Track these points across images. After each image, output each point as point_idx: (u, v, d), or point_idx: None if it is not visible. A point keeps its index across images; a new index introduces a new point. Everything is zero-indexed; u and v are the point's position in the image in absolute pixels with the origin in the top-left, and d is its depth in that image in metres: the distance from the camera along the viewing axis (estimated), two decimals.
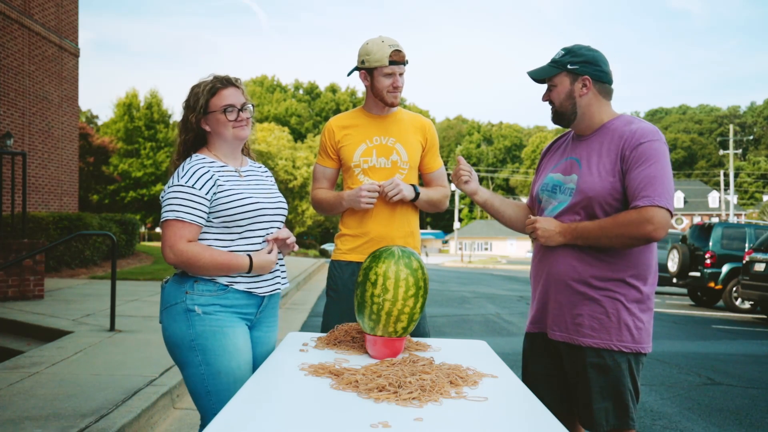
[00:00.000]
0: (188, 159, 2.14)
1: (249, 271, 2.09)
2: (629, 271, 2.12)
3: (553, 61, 2.23)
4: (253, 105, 2.23)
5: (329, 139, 2.79)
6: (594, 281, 2.12)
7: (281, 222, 2.23)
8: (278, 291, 2.24)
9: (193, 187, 2.04)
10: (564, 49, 2.24)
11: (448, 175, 2.74)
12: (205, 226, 2.09)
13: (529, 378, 2.36)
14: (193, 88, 2.18)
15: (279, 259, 2.23)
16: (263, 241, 2.15)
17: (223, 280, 2.08)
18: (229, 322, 2.07)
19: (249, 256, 2.09)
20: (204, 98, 2.15)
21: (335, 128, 2.78)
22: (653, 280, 2.18)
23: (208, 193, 2.06)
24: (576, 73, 2.19)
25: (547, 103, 2.29)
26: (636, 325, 2.12)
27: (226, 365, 2.03)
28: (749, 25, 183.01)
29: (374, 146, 2.72)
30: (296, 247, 2.25)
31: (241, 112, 2.16)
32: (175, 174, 2.09)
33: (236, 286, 2.09)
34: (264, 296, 2.17)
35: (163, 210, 2.07)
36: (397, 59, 2.63)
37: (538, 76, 2.25)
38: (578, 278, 2.13)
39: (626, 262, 2.12)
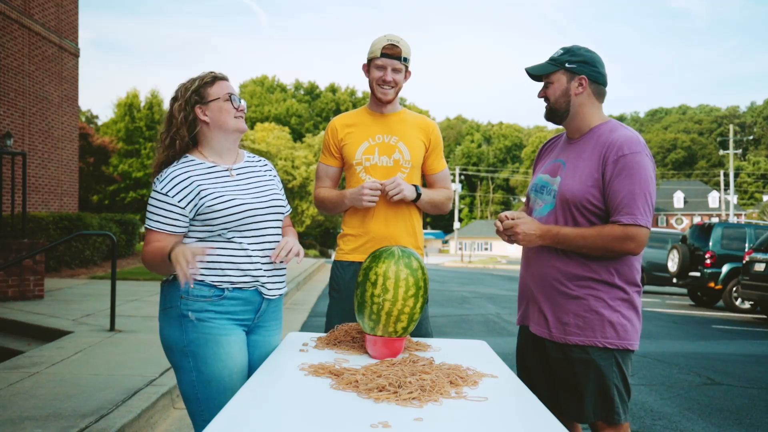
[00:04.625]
0: (175, 161, 2.09)
1: (168, 258, 1.92)
2: (612, 272, 2.17)
3: (552, 59, 2.29)
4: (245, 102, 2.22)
5: (332, 137, 2.78)
6: (578, 281, 2.18)
7: (277, 221, 2.16)
8: (279, 296, 2.20)
9: (166, 194, 2.01)
10: (563, 49, 2.30)
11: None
12: (192, 231, 2.06)
13: (524, 372, 2.41)
14: (183, 84, 2.14)
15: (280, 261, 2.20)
16: (261, 246, 2.10)
17: (226, 284, 2.04)
18: (223, 329, 2.03)
19: (175, 242, 1.98)
20: (204, 88, 2.11)
21: (338, 126, 2.78)
22: (638, 279, 2.23)
23: (182, 200, 2.01)
24: (573, 72, 2.25)
25: (542, 99, 2.34)
26: (620, 322, 2.17)
27: (218, 373, 2.01)
28: (749, 24, 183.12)
29: (376, 144, 2.71)
30: (302, 254, 2.12)
31: (241, 103, 2.16)
32: (158, 177, 2.06)
33: (243, 287, 2.05)
34: (265, 299, 2.13)
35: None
36: (390, 53, 2.61)
37: (535, 72, 2.30)
38: (563, 278, 2.20)
39: (608, 264, 2.17)
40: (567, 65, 2.25)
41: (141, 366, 4.63)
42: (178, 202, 2.01)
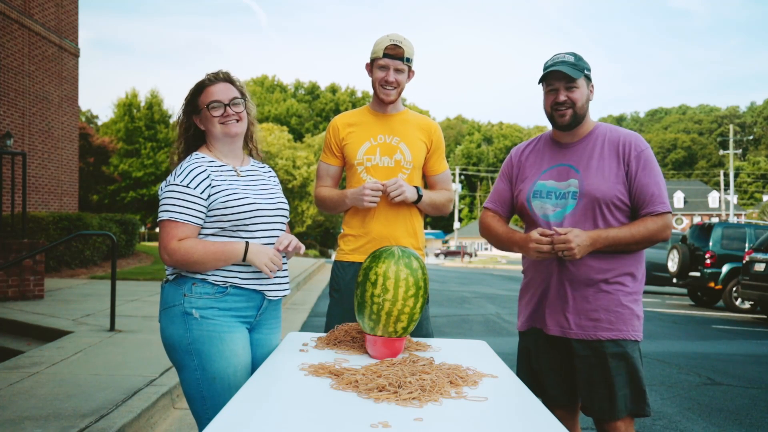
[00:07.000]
0: (187, 158, 2.13)
1: (243, 258, 2.03)
2: (634, 266, 2.27)
3: (574, 65, 2.26)
4: (246, 98, 2.20)
5: (334, 136, 2.77)
6: (609, 278, 2.24)
7: (282, 224, 2.19)
8: (279, 298, 2.23)
9: (187, 186, 2.02)
10: (573, 55, 2.29)
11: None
12: (204, 227, 2.06)
13: (532, 375, 2.42)
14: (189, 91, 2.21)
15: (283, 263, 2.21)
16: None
17: (233, 280, 2.05)
18: (227, 326, 2.04)
19: (246, 242, 2.05)
20: (196, 97, 2.16)
21: (340, 125, 2.77)
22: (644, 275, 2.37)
23: (203, 192, 2.04)
24: (589, 79, 2.31)
25: (561, 104, 2.25)
26: (641, 315, 2.29)
27: (222, 371, 2.01)
28: (750, 24, 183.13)
29: (378, 144, 2.70)
30: (302, 248, 2.21)
31: (228, 107, 2.13)
32: (173, 173, 2.08)
33: (246, 285, 2.06)
34: (266, 299, 2.14)
35: (159, 210, 2.07)
36: (392, 53, 2.59)
37: (574, 75, 2.22)
38: (596, 276, 2.24)
39: (632, 259, 2.27)
40: (585, 72, 2.28)
41: (141, 366, 4.63)
42: (200, 193, 2.03)
